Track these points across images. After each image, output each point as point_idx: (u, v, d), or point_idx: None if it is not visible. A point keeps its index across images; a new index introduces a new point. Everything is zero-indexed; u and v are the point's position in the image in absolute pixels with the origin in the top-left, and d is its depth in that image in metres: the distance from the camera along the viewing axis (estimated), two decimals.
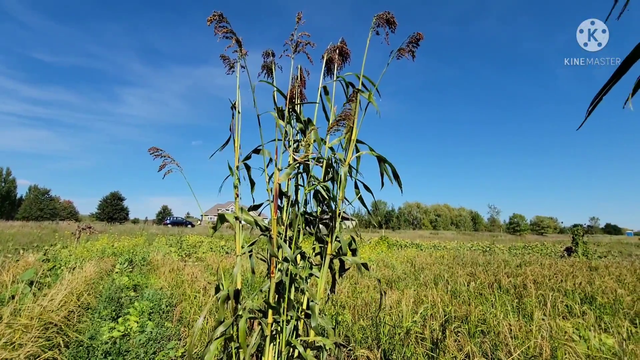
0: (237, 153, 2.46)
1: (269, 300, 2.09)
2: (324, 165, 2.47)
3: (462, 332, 3.49)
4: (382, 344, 3.35)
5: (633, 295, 5.10)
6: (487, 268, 8.12)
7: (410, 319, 3.36)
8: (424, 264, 9.13)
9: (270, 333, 2.12)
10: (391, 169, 2.45)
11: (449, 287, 5.55)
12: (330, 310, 4.17)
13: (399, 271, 7.64)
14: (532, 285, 5.67)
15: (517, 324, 3.29)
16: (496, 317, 3.89)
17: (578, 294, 5.28)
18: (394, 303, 4.00)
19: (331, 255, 2.33)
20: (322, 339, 2.17)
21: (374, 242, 18.36)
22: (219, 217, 2.20)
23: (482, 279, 6.33)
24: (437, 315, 3.66)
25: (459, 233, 69.24)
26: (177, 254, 10.93)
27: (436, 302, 4.10)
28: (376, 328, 3.58)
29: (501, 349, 2.85)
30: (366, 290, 4.86)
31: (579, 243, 15.23)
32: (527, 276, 6.48)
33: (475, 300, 4.79)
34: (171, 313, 4.46)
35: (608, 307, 4.72)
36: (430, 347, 2.81)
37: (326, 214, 2.56)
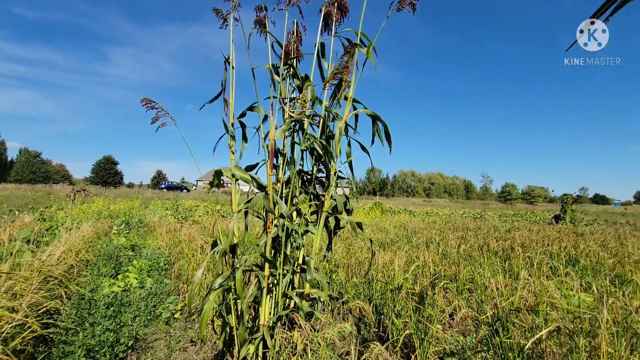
0: (232, 109, 2.39)
1: (265, 254, 2.13)
2: (320, 123, 2.42)
3: (450, 289, 3.64)
4: (374, 299, 3.50)
5: (614, 258, 5.32)
6: (477, 233, 8.36)
7: (402, 277, 3.49)
8: (417, 228, 9.36)
9: (267, 285, 2.18)
10: (384, 128, 2.42)
11: (440, 249, 5.72)
12: (325, 268, 4.31)
13: (392, 235, 7.83)
14: (520, 249, 5.87)
15: (503, 282, 3.43)
16: (484, 276, 4.06)
17: (563, 257, 5.50)
18: (387, 263, 4.13)
19: (327, 212, 2.36)
20: (317, 292, 2.25)
21: (368, 207, 18.66)
22: (216, 173, 2.18)
23: (472, 242, 6.53)
24: (427, 273, 3.80)
25: (451, 201, 70.53)
26: (173, 217, 11.04)
27: (427, 262, 4.24)
28: (369, 285, 3.72)
29: (487, 303, 2.99)
30: (360, 251, 5.00)
31: (567, 211, 15.64)
32: (515, 240, 6.70)
33: (464, 261, 4.97)
34: (170, 270, 4.58)
35: (590, 269, 4.93)
36: (419, 301, 2.94)
37: (322, 173, 2.55)
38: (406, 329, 2.83)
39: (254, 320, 2.61)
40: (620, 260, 5.13)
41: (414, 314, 2.88)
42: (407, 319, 2.91)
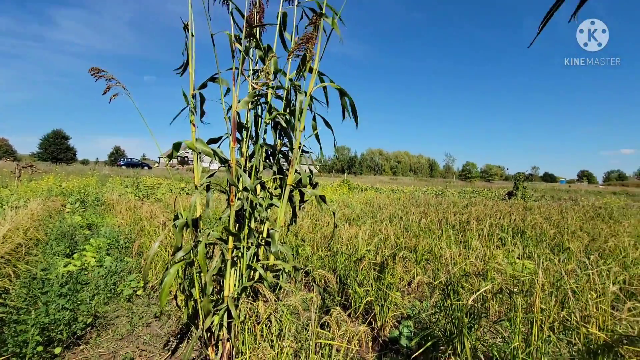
0: (192, 79, 2.29)
1: (229, 227, 2.12)
2: (284, 95, 2.38)
3: (410, 260, 3.86)
4: (339, 270, 3.64)
5: (556, 229, 5.87)
6: (437, 208, 8.81)
7: (365, 249, 3.64)
8: (382, 204, 9.68)
9: (231, 258, 2.19)
10: (350, 103, 2.43)
11: (402, 224, 6.00)
12: (292, 243, 4.38)
13: (358, 210, 8.05)
14: (475, 222, 6.30)
15: (458, 252, 3.68)
16: (441, 247, 4.33)
17: (512, 229, 5.98)
18: (352, 236, 4.27)
19: (291, 186, 2.37)
20: (282, 263, 2.30)
21: (336, 185, 18.92)
22: (174, 145, 2.10)
23: (432, 217, 6.89)
24: (389, 245, 3.99)
25: (416, 179, 73.27)
26: (134, 194, 10.56)
27: (389, 235, 4.44)
28: (333, 257, 3.84)
29: (442, 271, 3.22)
30: (326, 226, 5.11)
31: (519, 188, 16.86)
32: (472, 214, 7.16)
33: (424, 234, 5.25)
34: (130, 248, 4.43)
35: (534, 239, 5.42)
36: (380, 271, 3.10)
37: (286, 147, 2.54)
38: (367, 296, 2.99)
39: (218, 293, 2.63)
40: (560, 231, 5.68)
41: (375, 282, 3.04)
42: (369, 287, 3.06)
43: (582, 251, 4.25)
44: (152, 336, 2.76)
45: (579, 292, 2.32)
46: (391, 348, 2.65)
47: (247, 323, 2.07)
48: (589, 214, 8.57)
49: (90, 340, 2.64)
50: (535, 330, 2.00)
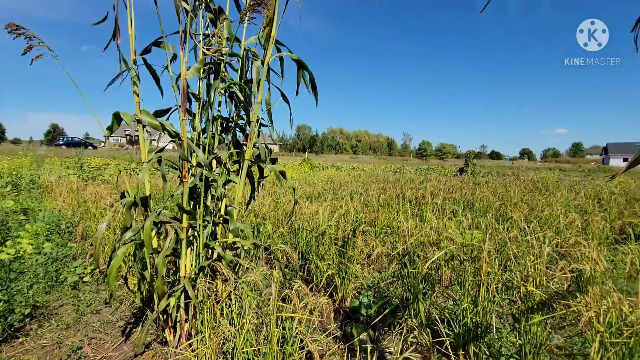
0: (132, 42, 2.06)
1: (182, 204, 2.00)
2: (239, 64, 2.23)
3: (369, 233, 3.97)
4: (300, 247, 3.65)
5: (500, 201, 6.36)
6: (395, 184, 9.13)
7: (326, 224, 3.67)
8: (343, 182, 9.81)
9: (186, 237, 2.08)
10: (310, 77, 2.35)
11: (362, 199, 6.14)
12: (252, 221, 4.29)
13: (320, 188, 8.10)
14: (430, 197, 6.62)
15: (414, 224, 3.85)
16: (398, 220, 4.50)
17: (463, 202, 6.37)
18: (313, 213, 4.28)
19: (249, 161, 2.27)
20: (241, 241, 2.23)
21: (297, 163, 18.83)
22: (114, 116, 1.90)
23: (391, 192, 7.12)
24: (350, 220, 4.06)
25: (376, 157, 75.25)
26: (77, 176, 9.68)
27: (350, 210, 4.52)
28: (295, 234, 3.84)
29: (400, 242, 3.35)
30: (287, 203, 5.07)
31: (469, 165, 17.98)
32: (427, 190, 7.51)
33: (383, 209, 5.42)
34: (74, 233, 4.08)
35: (482, 210, 5.83)
36: (342, 244, 3.15)
37: (243, 120, 2.42)
38: (329, 270, 3.04)
39: (175, 273, 2.51)
40: (504, 203, 6.16)
41: (336, 256, 3.09)
42: (330, 261, 3.11)
43: (522, 220, 4.64)
44: (103, 323, 2.60)
45: (519, 256, 2.53)
46: (352, 317, 2.74)
47: (206, 303, 2.00)
48: (528, 187, 9.37)
49: (31, 331, 2.42)
50: (482, 292, 2.15)
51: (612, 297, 1.71)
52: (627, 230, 4.66)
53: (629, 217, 5.11)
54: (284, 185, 3.08)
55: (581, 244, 2.94)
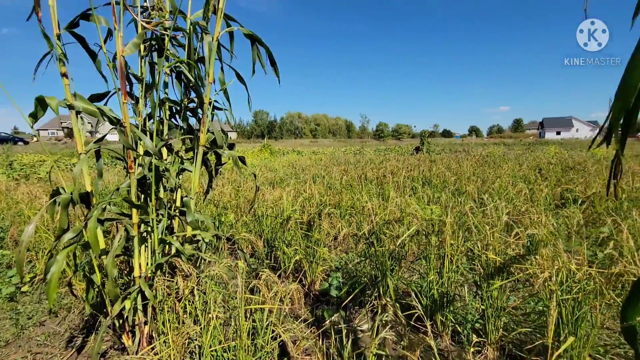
0: (54, 15, 1.76)
1: (130, 198, 1.80)
2: (186, 40, 2.02)
3: (335, 215, 3.96)
4: (265, 234, 3.55)
5: (455, 176, 6.69)
6: (356, 166, 9.24)
7: (290, 209, 3.59)
8: (304, 166, 9.74)
9: (138, 234, 1.89)
10: (267, 52, 2.20)
11: (325, 182, 6.12)
12: (212, 211, 4.10)
13: (281, 173, 7.96)
14: (390, 176, 6.78)
15: (377, 203, 3.90)
16: (362, 200, 4.55)
17: (421, 179, 6.60)
18: (276, 199, 4.17)
19: (204, 147, 2.10)
20: (201, 233, 2.08)
21: (257, 150, 18.38)
22: (37, 101, 1.63)
23: (352, 174, 7.19)
24: (314, 204, 4.02)
25: (335, 140, 75.83)
26: (6, 175, 8.61)
27: (314, 194, 4.47)
28: (259, 221, 3.72)
29: (365, 222, 3.38)
30: (249, 191, 4.91)
31: (425, 143, 18.74)
32: (387, 169, 7.68)
33: (346, 190, 5.45)
34: (5, 239, 3.61)
35: (439, 186, 6.09)
36: (308, 228, 3.10)
37: (194, 103, 2.22)
38: (296, 255, 2.99)
39: (129, 274, 2.31)
40: (459, 178, 6.48)
41: (303, 241, 3.03)
42: (297, 246, 3.05)
43: (476, 192, 4.92)
44: (49, 335, 2.34)
45: (479, 226, 2.65)
46: (322, 300, 2.73)
47: (166, 302, 1.86)
48: (479, 162, 9.97)
49: None
50: (446, 263, 2.23)
51: (562, 257, 1.84)
52: (565, 196, 5.12)
53: (565, 184, 5.62)
54: (244, 172, 2.93)
55: (530, 211, 3.16)
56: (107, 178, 7.07)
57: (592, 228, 3.59)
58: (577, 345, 1.73)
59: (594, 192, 4.70)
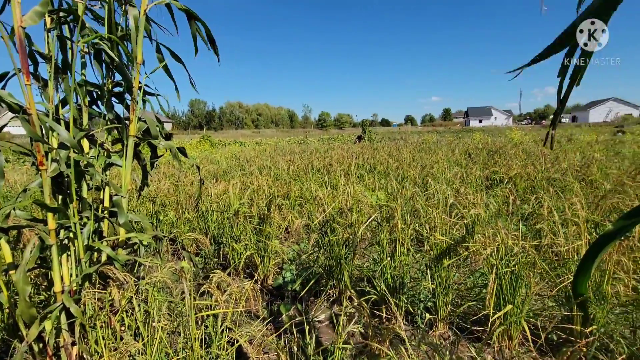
0: None
1: (44, 201, 1.51)
2: (106, 11, 1.72)
3: (284, 206, 3.87)
4: (211, 230, 3.32)
5: (397, 163, 7.00)
6: (302, 155, 9.19)
7: (238, 203, 3.41)
8: (249, 157, 9.41)
9: (57, 242, 1.60)
10: (205, 29, 1.99)
11: (272, 173, 5.97)
12: (149, 210, 3.73)
13: (225, 165, 7.59)
14: (336, 164, 6.85)
15: (327, 192, 3.89)
16: (311, 190, 4.51)
17: (366, 167, 6.79)
18: (221, 192, 3.94)
19: (135, 138, 1.85)
20: (137, 235, 1.84)
21: (195, 142, 17.32)
22: None
23: (299, 164, 7.12)
24: (262, 196, 3.87)
25: (278, 130, 74.87)
26: None
27: (261, 186, 4.31)
28: (203, 218, 3.48)
29: (317, 211, 3.34)
30: (189, 185, 4.56)
31: (366, 132, 19.38)
32: (333, 158, 7.76)
33: (294, 180, 5.37)
34: None
35: (383, 172, 6.31)
36: (258, 222, 2.97)
37: (120, 87, 1.93)
38: (247, 250, 2.84)
39: (49, 289, 1.97)
40: (400, 164, 6.79)
41: (253, 235, 2.90)
42: (247, 241, 2.91)
43: (417, 177, 5.19)
44: None
45: (425, 209, 2.77)
46: (277, 295, 2.65)
47: (98, 317, 1.61)
48: (416, 148, 10.59)
49: None
50: (398, 247, 2.29)
51: (501, 234, 1.99)
52: (491, 177, 5.67)
53: (492, 167, 6.22)
54: (185, 165, 2.68)
55: (467, 192, 3.40)
56: (13, 178, 6.05)
57: (516, 205, 4.01)
58: (514, 312, 1.90)
59: (515, 172, 5.27)
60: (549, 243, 2.17)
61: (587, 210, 2.52)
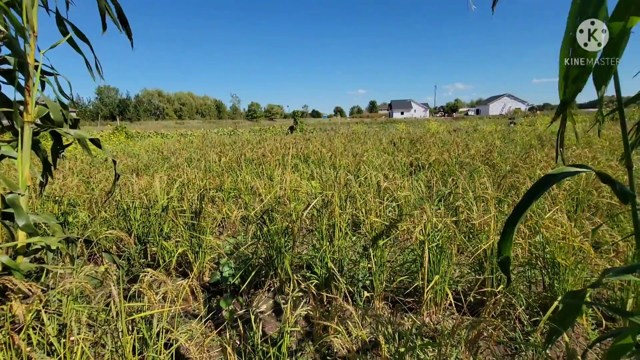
0: None
1: None
2: None
3: (218, 199, 3.69)
4: (134, 229, 3.01)
5: (330, 152, 7.18)
6: (233, 147, 8.85)
7: (165, 198, 3.15)
8: (173, 149, 8.72)
9: None
10: (116, 7, 1.77)
11: (202, 166, 5.63)
12: (54, 210, 3.22)
13: (146, 159, 6.91)
14: (270, 155, 6.75)
15: (263, 183, 3.81)
16: (245, 181, 4.38)
17: (300, 156, 6.82)
18: (145, 187, 3.58)
19: (32, 124, 1.56)
20: (42, 239, 1.58)
21: (108, 133, 15.41)
22: None
23: (230, 155, 6.84)
24: (193, 189, 3.63)
25: (205, 121, 70.61)
26: None
27: (191, 179, 4.04)
28: (125, 216, 3.13)
29: (253, 202, 3.26)
30: (105, 181, 4.05)
31: (298, 123, 19.46)
32: (266, 149, 7.62)
33: (226, 172, 5.14)
34: None
35: (317, 162, 6.42)
36: (190, 216, 2.78)
37: (8, 64, 1.61)
38: (179, 247, 2.65)
39: None
40: (333, 153, 6.98)
41: (185, 231, 2.71)
42: (179, 238, 2.71)
43: (350, 165, 5.40)
44: None
45: (360, 195, 2.90)
46: (215, 291, 2.53)
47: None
48: (347, 138, 10.99)
49: None
50: (336, 232, 2.36)
51: (428, 213, 2.19)
52: (414, 163, 6.18)
53: (414, 154, 6.78)
54: (98, 159, 2.35)
55: (395, 177, 3.66)
56: None
57: (437, 187, 4.45)
58: (439, 282, 2.12)
59: (434, 159, 5.82)
60: (465, 218, 2.46)
61: (492, 189, 2.91)
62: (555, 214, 2.21)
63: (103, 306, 1.45)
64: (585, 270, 2.01)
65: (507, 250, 0.83)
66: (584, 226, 2.32)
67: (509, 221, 0.81)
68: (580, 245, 1.93)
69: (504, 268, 0.85)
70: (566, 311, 0.88)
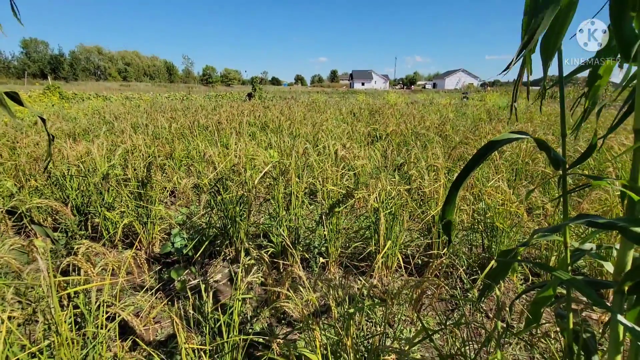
0: None
1: None
2: None
3: (169, 167, 3.48)
4: (72, 199, 2.76)
5: (289, 120, 7.02)
6: (186, 113, 8.30)
7: (106, 165, 2.89)
8: (117, 113, 7.98)
9: None
10: None
11: (150, 132, 5.23)
12: None
13: (85, 123, 6.27)
14: (226, 122, 6.45)
15: (217, 151, 3.65)
16: (199, 149, 4.16)
17: (258, 124, 6.60)
18: (83, 154, 3.26)
19: None
20: None
21: (37, 93, 13.67)
22: None
23: (182, 121, 6.42)
24: (140, 157, 3.38)
25: (154, 85, 65.06)
26: None
27: (137, 145, 3.74)
28: (58, 185, 2.85)
29: (207, 170, 3.11)
30: (34, 146, 3.61)
31: (257, 90, 18.68)
32: (222, 115, 7.26)
33: (178, 139, 4.84)
34: None
35: (275, 130, 6.26)
36: (136, 185, 2.59)
37: None
38: (124, 218, 2.49)
39: None
40: (292, 122, 6.83)
41: (130, 201, 2.53)
42: (124, 208, 2.53)
43: (310, 134, 5.34)
44: None
45: (318, 163, 2.88)
46: (167, 263, 2.44)
47: None
48: (307, 107, 10.80)
49: None
50: (293, 200, 2.34)
51: (382, 181, 2.24)
52: (372, 134, 6.27)
53: (373, 125, 6.86)
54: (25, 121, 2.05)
55: (353, 146, 3.68)
56: None
57: (392, 156, 4.58)
58: (391, 246, 2.22)
59: (392, 129, 5.94)
60: (417, 186, 2.57)
61: (444, 159, 3.05)
62: (497, 182, 2.38)
63: (32, 282, 1.32)
64: (519, 232, 2.22)
65: (450, 214, 0.86)
66: (520, 193, 2.53)
67: (454, 185, 0.84)
68: (515, 210, 2.11)
69: (447, 230, 0.89)
70: (499, 269, 0.96)
